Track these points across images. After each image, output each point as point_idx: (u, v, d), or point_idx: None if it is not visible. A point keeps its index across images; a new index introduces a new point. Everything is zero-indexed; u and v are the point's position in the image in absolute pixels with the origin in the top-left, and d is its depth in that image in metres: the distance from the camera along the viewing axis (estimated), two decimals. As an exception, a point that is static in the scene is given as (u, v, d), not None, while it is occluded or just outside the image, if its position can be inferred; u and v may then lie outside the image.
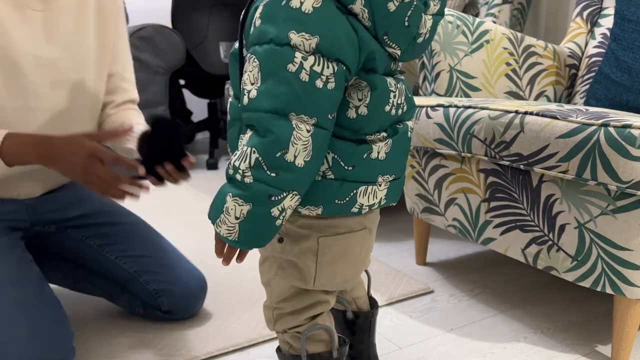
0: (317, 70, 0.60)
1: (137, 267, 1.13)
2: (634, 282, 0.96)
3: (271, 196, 0.62)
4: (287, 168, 0.61)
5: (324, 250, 0.71)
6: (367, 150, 0.68)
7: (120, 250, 1.14)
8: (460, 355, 1.09)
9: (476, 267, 1.51)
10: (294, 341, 0.77)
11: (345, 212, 0.70)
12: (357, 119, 0.66)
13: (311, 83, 0.60)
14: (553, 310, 1.27)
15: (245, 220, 0.63)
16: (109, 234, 1.15)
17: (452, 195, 1.27)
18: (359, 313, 0.87)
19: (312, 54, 0.60)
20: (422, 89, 1.50)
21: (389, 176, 0.72)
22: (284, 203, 0.63)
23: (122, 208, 1.22)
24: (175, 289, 1.14)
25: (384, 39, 0.64)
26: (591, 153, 0.92)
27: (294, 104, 0.60)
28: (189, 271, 1.18)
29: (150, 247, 1.17)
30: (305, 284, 0.73)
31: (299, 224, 0.71)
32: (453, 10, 1.45)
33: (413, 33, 0.66)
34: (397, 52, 0.66)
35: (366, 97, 0.66)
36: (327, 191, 0.67)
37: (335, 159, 0.67)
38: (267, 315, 0.79)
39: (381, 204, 0.74)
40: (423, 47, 0.70)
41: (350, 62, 0.62)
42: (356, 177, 0.68)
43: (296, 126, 0.61)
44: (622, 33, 1.34)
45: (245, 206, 0.62)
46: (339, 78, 0.62)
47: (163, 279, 1.13)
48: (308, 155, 0.62)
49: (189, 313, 1.19)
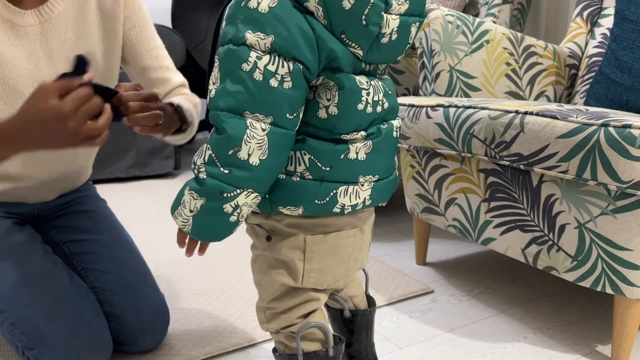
0: (271, 69, 0.61)
1: (97, 283, 1.05)
2: (634, 282, 0.96)
3: (223, 192, 0.63)
4: (240, 166, 0.63)
5: (311, 248, 0.72)
6: (344, 150, 0.68)
7: (87, 261, 1.07)
8: (460, 355, 1.09)
9: (476, 267, 1.51)
10: (289, 341, 0.77)
11: (326, 212, 0.70)
12: (329, 119, 0.67)
13: (265, 82, 0.61)
14: (553, 310, 1.27)
15: (198, 214, 0.65)
16: (84, 243, 1.09)
17: (452, 195, 1.27)
18: (357, 312, 0.87)
19: (267, 54, 0.61)
20: (422, 89, 1.50)
21: (372, 176, 0.71)
22: (237, 200, 0.64)
23: (110, 220, 1.16)
24: (125, 317, 1.03)
25: (342, 37, 0.64)
26: (591, 153, 0.92)
27: (248, 103, 0.61)
28: (149, 299, 1.06)
29: (117, 263, 1.07)
30: (295, 281, 0.73)
31: (286, 223, 0.71)
32: (453, 10, 1.45)
33: (374, 32, 0.64)
34: (359, 51, 0.66)
35: (334, 97, 0.66)
36: (306, 192, 0.68)
37: (312, 160, 0.67)
38: (260, 316, 0.79)
39: (366, 204, 0.73)
40: (393, 48, 0.68)
41: (308, 61, 0.62)
42: (335, 177, 0.68)
43: (250, 125, 0.62)
44: (622, 33, 1.34)
45: (199, 200, 0.64)
46: (296, 77, 0.62)
47: (117, 301, 1.03)
48: (264, 154, 0.63)
49: (139, 347, 1.05)
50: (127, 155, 2.49)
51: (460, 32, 1.44)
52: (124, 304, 1.04)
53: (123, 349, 1.06)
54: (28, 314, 0.92)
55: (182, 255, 1.58)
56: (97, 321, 0.98)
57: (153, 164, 2.54)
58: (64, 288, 0.98)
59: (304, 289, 0.75)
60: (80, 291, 1.00)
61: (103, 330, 0.98)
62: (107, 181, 2.51)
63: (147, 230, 1.80)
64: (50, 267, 1.00)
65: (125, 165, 2.49)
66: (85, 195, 1.18)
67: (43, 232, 1.11)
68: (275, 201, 0.69)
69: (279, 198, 0.69)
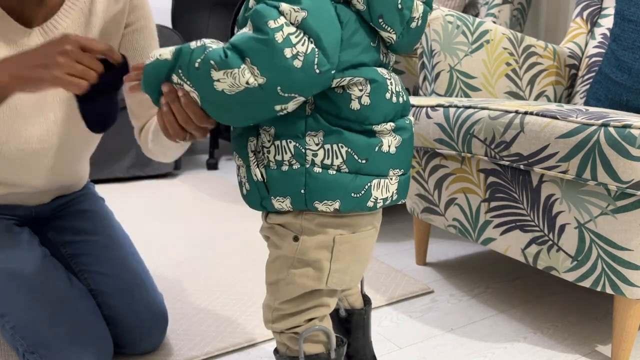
0: (292, 40, 0.60)
1: (94, 286, 1.05)
2: (634, 282, 0.96)
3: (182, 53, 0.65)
4: (205, 74, 0.62)
5: (338, 247, 0.72)
6: (378, 144, 0.69)
7: (85, 263, 1.07)
8: (460, 355, 1.09)
9: (476, 267, 1.51)
10: (291, 342, 0.77)
11: (361, 207, 0.70)
12: (362, 110, 0.67)
13: (281, 46, 0.60)
14: (553, 310, 1.27)
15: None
16: (82, 244, 1.09)
17: (452, 195, 1.27)
18: (352, 311, 0.87)
19: (295, 27, 0.61)
20: (422, 89, 1.50)
21: (399, 170, 0.72)
22: (182, 79, 0.65)
23: (108, 220, 1.16)
24: (122, 320, 1.03)
25: (380, 22, 0.66)
26: (591, 153, 0.92)
27: (255, 53, 0.61)
28: (146, 301, 1.06)
29: (115, 265, 1.07)
30: (319, 282, 0.73)
31: (317, 223, 0.71)
32: (453, 11, 1.45)
33: (407, 16, 0.68)
34: (393, 36, 0.68)
35: (366, 88, 0.67)
36: (343, 185, 0.68)
37: (349, 153, 0.67)
38: (266, 314, 0.79)
39: (393, 199, 0.74)
40: (417, 34, 0.71)
41: (330, 47, 0.62)
42: (369, 170, 0.69)
43: (242, 69, 0.61)
44: (622, 33, 1.34)
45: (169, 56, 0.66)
46: (308, 61, 0.61)
47: (114, 304, 1.03)
48: (229, 93, 0.62)
49: (138, 350, 1.05)
50: (127, 155, 2.49)
51: (460, 32, 1.44)
52: (121, 307, 1.03)
53: (122, 351, 1.06)
54: (28, 318, 0.92)
55: (183, 255, 1.58)
56: (97, 324, 0.98)
57: (153, 164, 2.55)
58: (63, 291, 0.98)
59: (320, 294, 0.75)
60: (80, 294, 1.00)
61: (104, 334, 0.98)
62: (107, 181, 2.51)
63: (147, 230, 1.80)
64: (49, 270, 1.00)
65: (125, 165, 2.49)
66: (83, 194, 1.17)
67: (40, 234, 1.11)
68: (311, 196, 0.68)
69: (315, 192, 0.68)
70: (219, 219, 1.94)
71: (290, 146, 0.67)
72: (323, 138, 0.67)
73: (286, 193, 0.69)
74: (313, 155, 0.67)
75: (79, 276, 1.07)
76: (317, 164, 0.67)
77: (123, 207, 2.08)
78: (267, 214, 0.75)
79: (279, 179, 0.68)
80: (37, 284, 0.96)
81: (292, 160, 0.67)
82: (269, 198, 0.70)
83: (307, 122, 0.67)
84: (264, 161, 0.69)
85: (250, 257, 1.56)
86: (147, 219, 1.93)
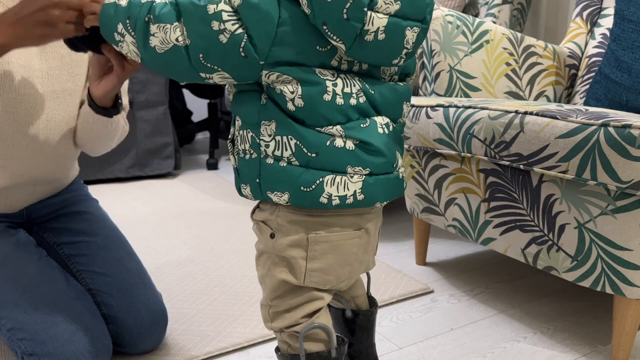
0: (224, 17, 0.63)
1: (93, 286, 1.05)
2: (634, 282, 0.96)
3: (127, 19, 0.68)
4: (145, 27, 0.67)
5: (314, 247, 0.72)
6: (330, 138, 0.68)
7: (83, 264, 1.07)
8: (460, 355, 1.09)
9: (476, 267, 1.51)
10: (292, 340, 0.77)
11: (312, 202, 0.69)
12: (297, 112, 0.67)
13: (209, 18, 0.64)
14: (553, 310, 1.27)
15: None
16: (79, 245, 1.09)
17: (452, 195, 1.27)
18: (358, 312, 0.87)
19: (231, 8, 0.63)
20: (422, 89, 1.50)
21: (362, 169, 0.70)
22: (125, 33, 0.69)
23: (104, 221, 1.16)
24: (123, 319, 1.03)
25: (324, 29, 0.64)
26: (591, 153, 0.92)
27: (187, 14, 0.64)
28: (146, 300, 1.06)
29: (114, 265, 1.07)
30: (297, 280, 0.73)
31: (289, 220, 0.71)
32: (453, 11, 1.45)
33: (356, 28, 0.64)
34: (341, 46, 0.65)
35: (297, 89, 0.66)
36: (292, 177, 0.68)
37: (298, 145, 0.67)
38: (263, 313, 0.79)
39: (358, 199, 0.70)
40: (380, 48, 0.67)
41: (258, 38, 0.64)
42: (321, 165, 0.68)
43: (174, 26, 0.65)
44: (622, 33, 1.34)
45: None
46: (234, 40, 0.64)
47: (114, 304, 1.03)
48: (159, 50, 0.67)
49: (138, 349, 1.05)
50: (127, 155, 2.49)
51: (460, 32, 1.44)
52: (121, 306, 1.03)
53: (122, 350, 1.06)
54: (26, 320, 0.92)
55: (182, 255, 1.58)
56: (96, 324, 0.98)
57: (153, 164, 2.55)
58: (61, 292, 0.98)
59: (307, 288, 0.75)
60: (77, 294, 1.00)
61: (102, 334, 0.98)
62: (107, 181, 2.51)
63: (146, 231, 1.80)
64: (46, 271, 1.00)
65: (125, 165, 2.49)
66: (76, 195, 1.17)
67: (36, 235, 1.11)
68: (265, 185, 0.70)
69: (267, 182, 0.70)
70: (219, 219, 1.94)
71: (249, 136, 0.71)
72: (275, 129, 0.68)
73: (247, 181, 0.73)
74: (266, 146, 0.69)
75: (78, 276, 1.07)
76: (269, 154, 0.69)
77: (123, 207, 2.08)
78: (254, 211, 0.78)
79: (243, 167, 0.73)
80: (33, 285, 0.96)
81: (250, 149, 0.71)
82: (240, 185, 0.75)
83: (261, 111, 0.69)
84: (236, 149, 0.74)
85: (250, 257, 1.56)
86: (147, 219, 1.93)
